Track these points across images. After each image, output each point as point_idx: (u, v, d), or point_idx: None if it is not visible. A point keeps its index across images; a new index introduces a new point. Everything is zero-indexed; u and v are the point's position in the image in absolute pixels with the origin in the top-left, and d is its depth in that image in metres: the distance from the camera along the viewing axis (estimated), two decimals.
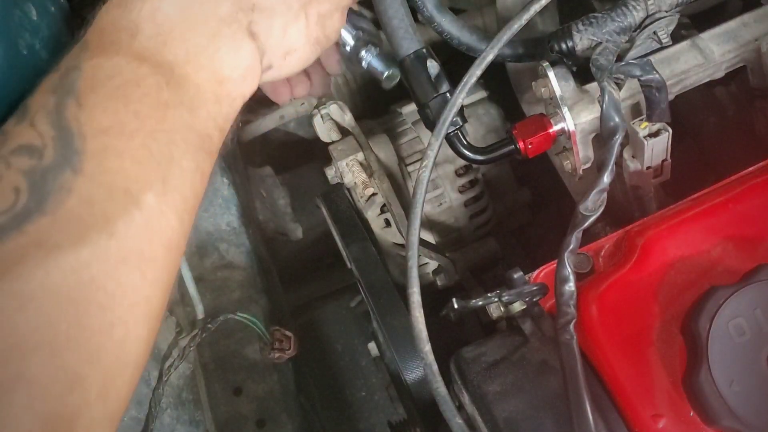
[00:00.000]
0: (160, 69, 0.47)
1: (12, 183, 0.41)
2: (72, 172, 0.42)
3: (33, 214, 0.41)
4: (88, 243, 0.41)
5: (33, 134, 0.43)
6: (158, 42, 0.48)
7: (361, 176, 0.85)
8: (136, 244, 0.43)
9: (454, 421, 0.57)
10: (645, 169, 0.71)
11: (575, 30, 0.67)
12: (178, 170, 0.46)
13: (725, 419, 0.52)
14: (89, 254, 0.41)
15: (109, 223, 0.42)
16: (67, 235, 0.41)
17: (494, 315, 0.66)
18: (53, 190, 0.42)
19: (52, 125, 0.43)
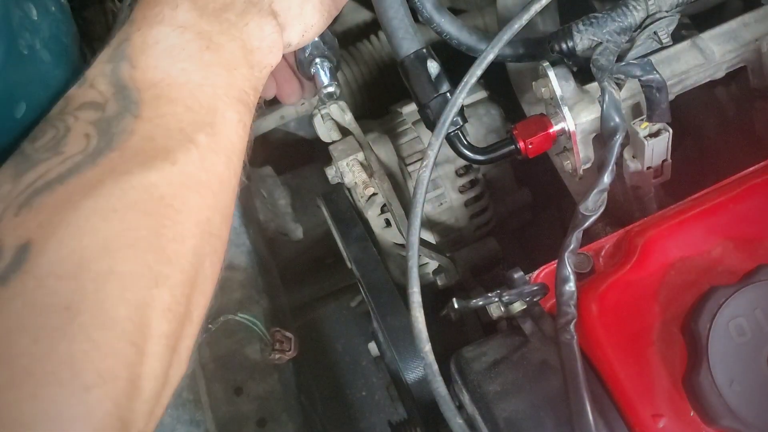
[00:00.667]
0: (200, 36, 0.54)
1: (82, 131, 0.48)
2: (132, 117, 0.49)
3: (104, 151, 0.47)
4: (154, 168, 0.48)
5: (94, 93, 0.50)
6: (195, 15, 0.55)
7: (361, 176, 0.85)
8: (194, 172, 0.50)
9: (454, 421, 0.57)
10: (645, 169, 0.71)
11: (576, 30, 0.67)
12: (222, 118, 0.53)
13: (725, 419, 0.52)
14: (156, 177, 0.48)
15: (170, 154, 0.49)
16: (135, 163, 0.47)
17: (494, 315, 0.66)
18: (118, 132, 0.48)
19: (111, 84, 0.51)
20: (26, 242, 0.43)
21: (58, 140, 0.48)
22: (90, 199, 0.45)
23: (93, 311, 0.42)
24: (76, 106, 0.50)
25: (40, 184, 0.46)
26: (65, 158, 0.47)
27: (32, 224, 0.44)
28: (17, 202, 0.45)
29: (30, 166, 0.47)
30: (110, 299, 0.43)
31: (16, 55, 0.51)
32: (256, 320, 0.94)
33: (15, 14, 0.52)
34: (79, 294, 0.42)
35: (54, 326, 0.41)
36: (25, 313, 0.41)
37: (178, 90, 0.52)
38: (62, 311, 0.41)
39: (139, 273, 0.45)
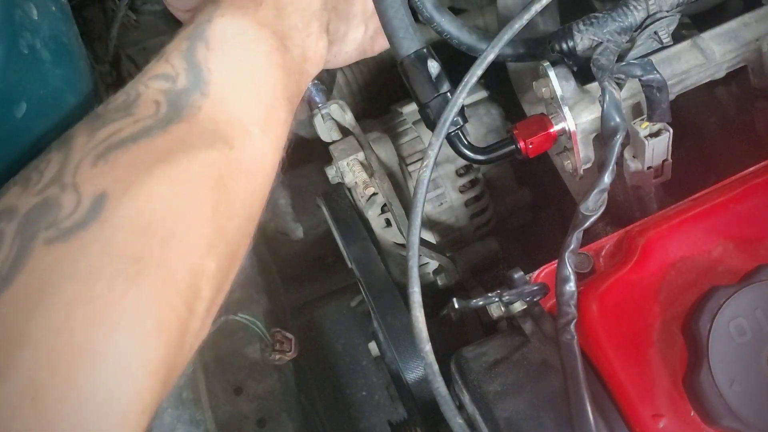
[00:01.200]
0: (275, 36, 0.58)
1: (152, 97, 0.52)
2: (201, 95, 0.53)
3: (174, 120, 0.51)
4: (215, 148, 0.52)
5: (167, 66, 0.54)
6: (274, 15, 0.59)
7: (361, 176, 0.85)
8: (246, 159, 0.54)
9: (454, 421, 0.57)
10: (646, 169, 0.71)
11: (576, 30, 0.67)
12: (275, 116, 0.58)
13: (726, 419, 0.52)
14: (217, 156, 0.51)
15: (229, 139, 0.53)
16: (201, 139, 0.51)
17: (495, 315, 0.66)
18: (187, 105, 0.52)
19: (185, 60, 0.54)
20: (102, 193, 0.46)
21: (129, 103, 0.51)
22: (161, 164, 0.48)
23: (158, 267, 0.46)
24: (149, 76, 0.53)
25: (114, 140, 0.49)
26: (136, 119, 0.50)
27: (108, 177, 0.47)
28: (94, 153, 0.48)
29: (103, 123, 0.50)
30: (172, 259, 0.47)
31: (17, 55, 0.51)
32: (256, 320, 0.94)
33: (16, 14, 0.52)
34: (147, 249, 0.46)
35: (126, 275, 0.44)
36: (102, 258, 0.44)
37: (244, 81, 0.56)
38: (133, 262, 0.45)
39: (197, 241, 0.49)
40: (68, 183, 0.47)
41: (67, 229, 0.45)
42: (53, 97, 0.56)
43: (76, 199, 0.46)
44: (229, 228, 0.52)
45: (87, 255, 0.44)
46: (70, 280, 0.43)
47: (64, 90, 0.58)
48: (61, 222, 0.45)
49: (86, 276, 0.43)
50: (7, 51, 0.50)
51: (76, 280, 0.43)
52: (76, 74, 0.61)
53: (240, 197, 0.53)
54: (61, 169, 0.48)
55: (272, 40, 0.58)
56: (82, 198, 0.46)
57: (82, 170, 0.47)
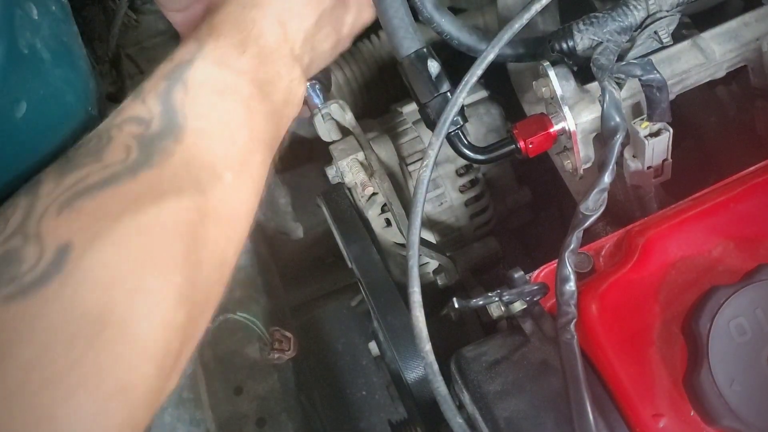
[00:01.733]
0: (254, 83, 0.58)
1: (124, 142, 0.51)
2: (174, 140, 0.52)
3: (143, 166, 0.50)
4: (186, 195, 0.50)
5: (143, 108, 0.53)
6: (257, 63, 0.59)
7: (361, 176, 0.85)
8: (218, 205, 0.53)
9: (454, 421, 0.57)
10: (646, 168, 0.71)
11: (576, 30, 0.67)
12: (251, 160, 0.57)
13: (726, 419, 0.52)
14: (188, 203, 0.50)
15: (201, 184, 0.52)
16: (172, 186, 0.50)
17: (495, 314, 0.66)
18: (159, 151, 0.51)
19: (161, 103, 0.53)
20: (66, 244, 0.45)
21: (100, 148, 0.50)
22: (129, 213, 0.47)
23: (120, 325, 0.44)
24: (123, 117, 0.52)
25: (80, 187, 0.48)
26: (105, 165, 0.49)
27: (73, 227, 0.46)
28: (59, 202, 0.47)
29: (72, 168, 0.49)
30: (137, 315, 0.45)
31: (17, 55, 0.51)
32: (255, 320, 0.94)
33: (16, 13, 0.52)
34: (110, 306, 0.44)
35: (86, 335, 0.43)
36: (62, 318, 0.43)
37: (219, 127, 0.55)
38: (94, 321, 0.43)
39: (166, 293, 0.47)
40: (31, 233, 0.45)
41: (27, 284, 0.43)
42: (53, 97, 0.56)
43: (38, 251, 0.44)
44: (201, 276, 0.50)
45: (46, 314, 0.43)
46: (27, 342, 0.42)
47: (64, 89, 0.58)
48: (22, 276, 0.43)
49: (44, 337, 0.42)
50: (7, 50, 0.50)
51: (33, 341, 0.42)
52: (76, 74, 0.61)
53: (212, 244, 0.52)
54: (25, 217, 0.46)
55: (251, 87, 0.58)
56: (45, 249, 0.44)
57: (47, 219, 0.46)
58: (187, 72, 0.55)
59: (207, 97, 0.55)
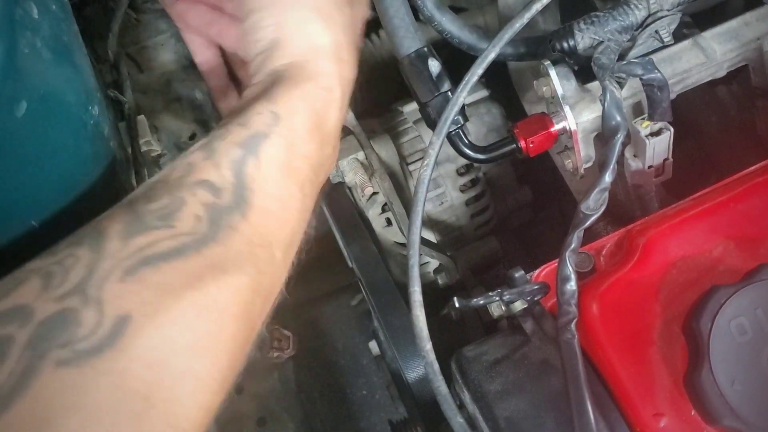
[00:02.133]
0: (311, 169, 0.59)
1: (194, 212, 0.51)
2: (240, 216, 0.52)
3: (209, 241, 0.50)
4: (246, 273, 0.51)
5: (217, 175, 0.53)
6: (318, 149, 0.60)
7: (362, 175, 0.85)
8: (267, 284, 0.54)
9: (455, 420, 0.57)
10: (646, 168, 0.71)
11: (577, 29, 0.67)
12: (296, 239, 0.59)
13: (727, 419, 0.52)
14: (247, 282, 0.51)
15: (259, 263, 0.53)
16: (232, 264, 0.50)
17: (495, 314, 0.66)
18: (225, 226, 0.51)
19: (234, 173, 0.53)
20: (126, 315, 0.45)
21: (171, 212, 0.50)
22: (190, 290, 0.47)
23: (166, 407, 0.44)
24: (196, 180, 0.52)
25: (148, 253, 0.47)
26: (174, 234, 0.49)
27: (136, 299, 0.45)
28: (124, 266, 0.46)
29: (141, 229, 0.49)
30: (182, 398, 0.45)
31: (17, 54, 0.51)
32: None
33: (16, 13, 0.52)
34: (157, 386, 0.44)
35: (132, 413, 0.43)
36: (111, 393, 0.43)
37: (280, 208, 0.56)
38: (141, 400, 0.43)
39: (212, 377, 0.48)
40: (92, 296, 0.45)
41: (81, 352, 0.43)
42: (54, 96, 0.56)
43: (98, 318, 0.44)
44: (241, 356, 0.52)
45: (96, 387, 0.43)
46: (74, 413, 0.41)
47: (64, 89, 0.58)
48: (78, 342, 0.43)
49: (91, 411, 0.42)
50: (7, 50, 0.50)
51: (81, 413, 0.41)
52: (77, 73, 0.61)
53: (256, 322, 0.54)
54: (87, 276, 0.46)
55: (309, 171, 0.59)
56: (105, 318, 0.44)
57: (110, 284, 0.46)
58: (262, 146, 0.56)
59: (275, 176, 0.56)
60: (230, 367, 0.50)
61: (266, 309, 0.56)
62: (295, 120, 0.58)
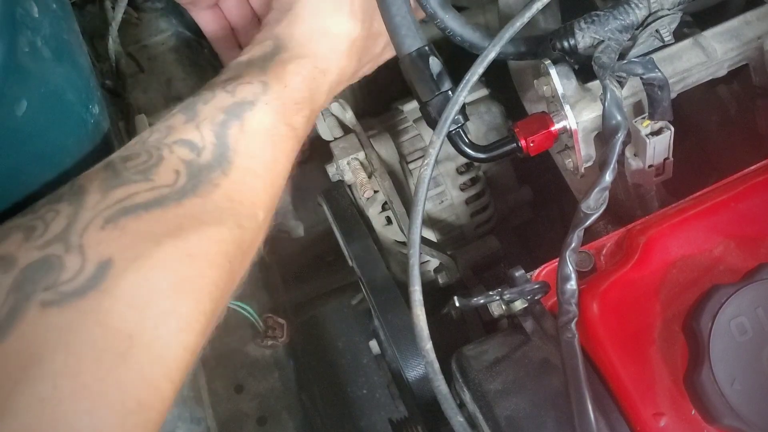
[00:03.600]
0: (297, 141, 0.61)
1: (173, 166, 0.52)
2: (221, 173, 0.54)
3: (189, 194, 0.51)
4: (226, 226, 0.52)
5: (196, 135, 0.54)
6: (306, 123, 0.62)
7: (362, 174, 0.85)
8: (250, 241, 0.55)
9: (455, 420, 0.57)
10: (647, 167, 0.71)
11: (577, 28, 0.67)
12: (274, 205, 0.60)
13: (727, 418, 0.52)
14: (227, 235, 0.52)
15: (240, 219, 0.54)
16: (213, 217, 0.52)
17: (496, 313, 0.66)
18: (206, 181, 0.52)
19: (215, 135, 0.55)
20: (108, 260, 0.46)
21: (149, 166, 0.51)
22: (170, 237, 0.48)
23: (148, 345, 0.45)
24: (175, 139, 0.54)
25: (127, 204, 0.48)
26: (152, 187, 0.50)
27: (116, 244, 0.47)
28: (104, 215, 0.48)
29: (119, 183, 0.50)
30: (166, 337, 0.46)
31: (18, 53, 0.51)
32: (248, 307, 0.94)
33: (16, 12, 0.52)
34: (141, 326, 0.45)
35: (116, 351, 0.44)
36: (95, 332, 0.44)
37: (265, 171, 0.57)
38: (125, 338, 0.44)
39: (195, 318, 0.49)
40: (74, 243, 0.46)
41: (65, 293, 0.44)
42: (54, 95, 0.56)
43: (79, 263, 0.45)
44: (223, 304, 0.53)
45: (81, 326, 0.44)
46: (60, 351, 0.42)
47: (64, 88, 0.58)
48: (61, 285, 0.44)
49: (76, 349, 0.43)
50: (7, 49, 0.50)
51: (66, 351, 0.43)
52: (77, 72, 0.61)
53: (235, 275, 0.54)
54: (68, 226, 0.47)
55: (294, 142, 0.61)
56: (86, 262, 0.45)
57: (90, 232, 0.47)
58: (248, 112, 0.57)
59: (261, 141, 0.57)
60: (212, 311, 0.50)
61: (246, 265, 0.56)
62: (284, 92, 0.60)
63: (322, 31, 0.64)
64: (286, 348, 0.99)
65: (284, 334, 0.96)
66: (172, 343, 0.47)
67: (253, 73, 0.60)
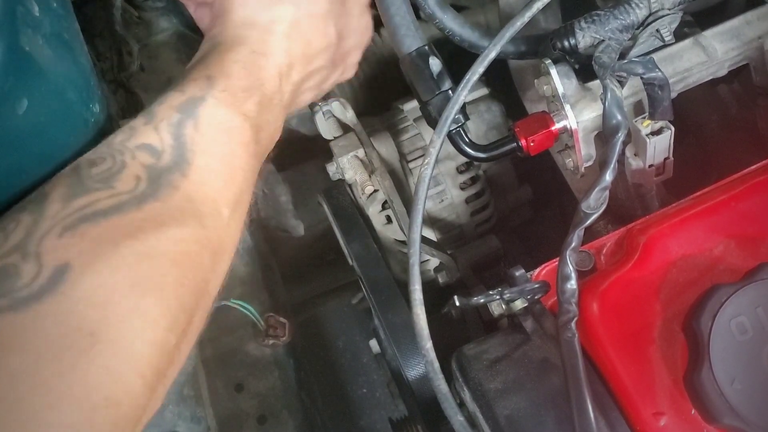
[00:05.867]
0: (253, 128, 0.61)
1: (134, 172, 0.53)
2: (181, 175, 0.54)
3: (149, 198, 0.52)
4: (187, 225, 0.53)
5: (156, 138, 0.55)
6: (258, 110, 0.62)
7: (362, 173, 0.85)
8: (214, 238, 0.56)
9: (455, 419, 0.57)
10: (647, 167, 0.71)
11: (578, 27, 0.67)
12: (243, 199, 0.60)
13: (727, 417, 0.52)
14: (188, 233, 0.53)
15: (201, 217, 0.54)
16: (172, 218, 0.52)
17: (496, 313, 0.66)
18: (165, 185, 0.53)
19: (172, 136, 0.56)
20: (65, 264, 0.46)
21: (112, 174, 0.52)
22: (129, 239, 0.49)
23: (113, 341, 0.46)
24: (137, 144, 0.55)
25: (87, 212, 0.49)
26: (114, 194, 0.51)
27: (73, 250, 0.47)
28: (63, 224, 0.48)
29: (82, 191, 0.51)
30: (130, 334, 0.47)
31: (18, 52, 0.51)
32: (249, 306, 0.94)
33: (17, 10, 0.52)
34: (104, 324, 0.45)
35: (77, 348, 0.44)
36: (54, 332, 0.44)
37: (222, 166, 0.58)
38: (86, 336, 0.45)
39: (159, 315, 0.49)
40: (31, 252, 0.46)
41: (21, 299, 0.44)
42: (54, 94, 0.56)
43: (35, 269, 0.45)
44: (191, 302, 0.52)
45: (38, 328, 0.44)
46: (18, 352, 0.43)
47: (65, 87, 0.58)
48: (17, 291, 0.44)
49: (34, 348, 0.43)
50: (8, 47, 0.50)
51: (23, 351, 0.43)
52: (78, 71, 0.61)
53: (204, 272, 0.54)
54: (27, 235, 0.47)
55: (251, 132, 0.61)
56: (43, 268, 0.46)
57: (48, 240, 0.47)
58: (199, 108, 0.58)
59: (215, 136, 0.58)
60: (181, 309, 0.51)
61: (220, 262, 0.57)
62: (229, 81, 0.60)
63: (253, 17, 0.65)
64: (287, 347, 0.99)
65: (286, 333, 0.96)
66: (137, 340, 0.47)
67: (198, 69, 0.61)
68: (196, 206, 0.54)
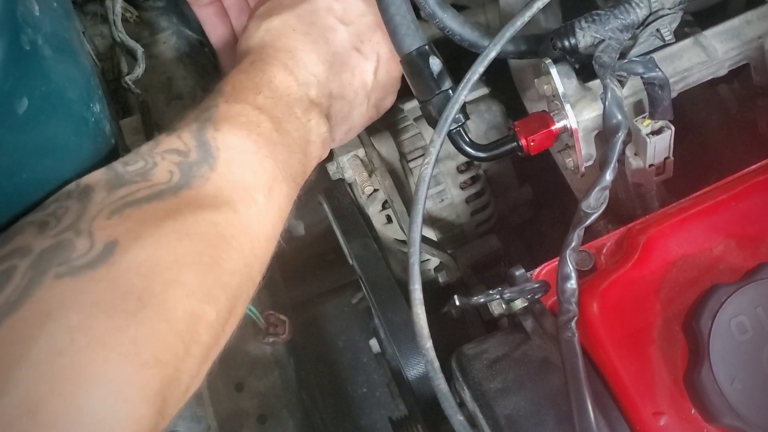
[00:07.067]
0: (273, 119, 0.65)
1: (167, 168, 0.57)
2: (209, 168, 0.59)
3: (183, 188, 0.57)
4: (221, 211, 0.57)
5: (180, 143, 0.60)
6: (272, 102, 0.66)
7: (362, 172, 0.85)
8: (249, 223, 0.59)
9: (455, 418, 0.57)
10: (647, 166, 0.71)
11: (578, 27, 0.67)
12: (278, 188, 0.63)
13: (727, 417, 0.52)
14: (222, 218, 0.57)
15: (234, 204, 0.58)
16: (207, 204, 0.57)
17: (496, 312, 0.66)
18: (196, 176, 0.58)
19: (195, 139, 0.60)
20: (114, 240, 0.51)
21: (147, 170, 0.57)
22: (169, 220, 0.54)
23: (158, 306, 0.50)
24: (163, 149, 0.59)
25: (130, 199, 0.54)
26: (152, 185, 0.56)
27: (121, 228, 0.52)
28: (110, 208, 0.53)
29: (123, 183, 0.56)
30: (172, 301, 0.51)
31: (19, 51, 0.51)
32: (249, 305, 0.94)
33: (17, 10, 0.52)
34: (149, 291, 0.50)
35: (126, 310, 0.48)
36: (107, 294, 0.48)
37: (248, 156, 0.61)
38: (135, 300, 0.49)
39: (197, 288, 0.53)
40: (83, 229, 0.51)
41: (77, 267, 0.49)
42: (55, 93, 0.56)
43: (89, 244, 0.50)
44: (231, 283, 0.56)
45: (93, 290, 0.48)
46: (75, 311, 0.47)
47: (65, 86, 0.58)
48: (73, 261, 0.49)
49: (90, 308, 0.47)
50: (8, 47, 0.50)
51: (81, 311, 0.47)
52: (78, 70, 0.61)
53: (243, 256, 0.58)
54: (78, 217, 0.52)
55: (270, 122, 0.64)
56: (95, 243, 0.51)
57: (98, 221, 0.52)
58: (214, 114, 0.63)
59: (233, 130, 0.62)
60: (219, 287, 0.55)
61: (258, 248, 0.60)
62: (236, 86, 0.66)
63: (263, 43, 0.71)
64: (287, 346, 0.99)
65: (286, 331, 0.96)
66: (178, 307, 0.51)
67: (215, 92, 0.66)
68: (228, 194, 0.58)
